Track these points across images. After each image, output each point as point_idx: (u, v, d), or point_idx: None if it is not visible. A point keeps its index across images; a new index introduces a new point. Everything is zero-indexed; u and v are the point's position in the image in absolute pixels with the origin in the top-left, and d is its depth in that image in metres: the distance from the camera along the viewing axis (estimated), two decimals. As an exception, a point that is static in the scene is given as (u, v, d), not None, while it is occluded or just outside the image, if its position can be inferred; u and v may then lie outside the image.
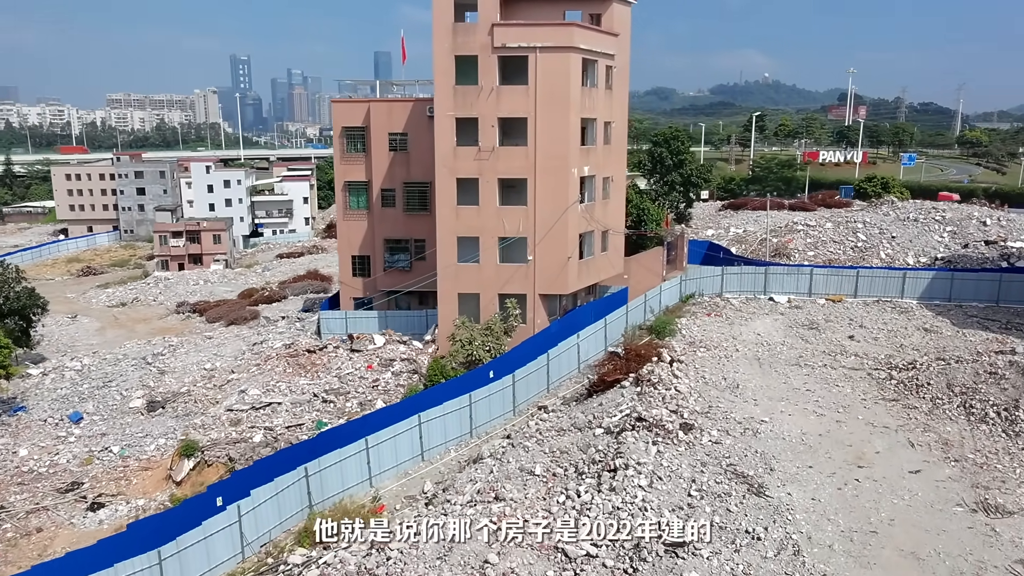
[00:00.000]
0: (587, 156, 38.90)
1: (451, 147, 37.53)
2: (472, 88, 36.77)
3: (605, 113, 39.88)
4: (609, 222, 41.74)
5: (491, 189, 37.69)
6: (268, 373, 38.62)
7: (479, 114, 37.00)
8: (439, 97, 37.19)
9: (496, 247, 38.33)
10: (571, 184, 37.68)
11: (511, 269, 38.51)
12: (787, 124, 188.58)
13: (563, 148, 37.11)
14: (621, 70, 40.94)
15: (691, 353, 33.71)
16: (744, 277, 46.44)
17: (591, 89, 38.78)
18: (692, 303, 45.01)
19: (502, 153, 37.39)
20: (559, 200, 37.61)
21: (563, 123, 36.85)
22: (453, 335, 36.40)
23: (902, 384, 28.77)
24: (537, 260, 38.20)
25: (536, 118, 36.77)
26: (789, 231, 60.64)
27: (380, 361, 38.54)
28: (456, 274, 38.82)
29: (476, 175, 37.62)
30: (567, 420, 27.85)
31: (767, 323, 39.90)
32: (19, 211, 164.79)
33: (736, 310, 42.92)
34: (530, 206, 37.67)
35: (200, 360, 44.34)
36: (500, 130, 38.59)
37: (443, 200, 38.16)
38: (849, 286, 44.97)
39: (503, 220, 37.91)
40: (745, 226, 66.97)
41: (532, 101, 36.64)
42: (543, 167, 37.28)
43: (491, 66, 36.56)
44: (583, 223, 39.14)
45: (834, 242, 57.31)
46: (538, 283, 38.48)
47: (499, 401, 32.13)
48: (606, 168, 40.75)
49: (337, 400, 34.49)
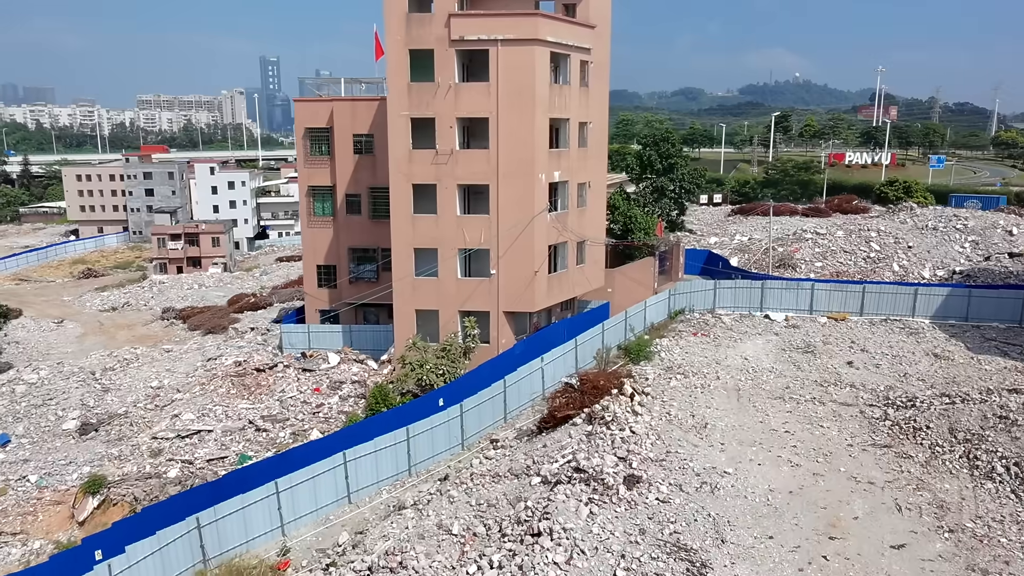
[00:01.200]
0: (558, 160, 35.35)
1: (406, 150, 34.25)
2: (428, 85, 33.45)
3: (580, 113, 36.29)
4: (586, 232, 38.14)
5: (450, 196, 34.32)
6: (210, 395, 35.67)
7: (436, 114, 33.67)
8: (392, 95, 33.93)
9: (456, 260, 34.96)
10: (538, 191, 34.17)
11: (473, 284, 35.11)
12: (813, 124, 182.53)
13: (528, 151, 33.62)
14: (600, 66, 37.33)
15: (663, 382, 30.02)
16: (739, 292, 42.51)
17: (563, 87, 35.25)
18: (680, 320, 41.20)
19: (461, 157, 34.01)
20: (525, 208, 34.13)
21: (528, 124, 33.37)
22: (403, 357, 33.11)
23: (897, 426, 24.82)
24: (501, 274, 34.76)
25: (498, 118, 33.34)
26: (797, 239, 56.45)
27: (329, 383, 35.37)
28: (413, 289, 35.53)
29: (434, 181, 34.29)
30: (507, 463, 24.38)
31: (758, 345, 36.01)
32: (35, 211, 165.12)
33: (727, 329, 39.04)
34: (493, 215, 34.25)
35: (151, 376, 41.59)
36: (464, 132, 35.28)
37: (398, 208, 34.89)
38: (854, 303, 40.83)
39: (463, 230, 34.52)
40: (752, 233, 62.80)
41: (494, 99, 33.21)
42: (507, 172, 33.83)
43: (449, 61, 33.20)
44: (553, 234, 35.60)
45: (845, 252, 53.04)
46: (502, 300, 35.03)
47: (444, 434, 28.72)
48: (582, 173, 37.17)
49: (272, 428, 31.39)
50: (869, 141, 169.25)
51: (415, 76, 33.75)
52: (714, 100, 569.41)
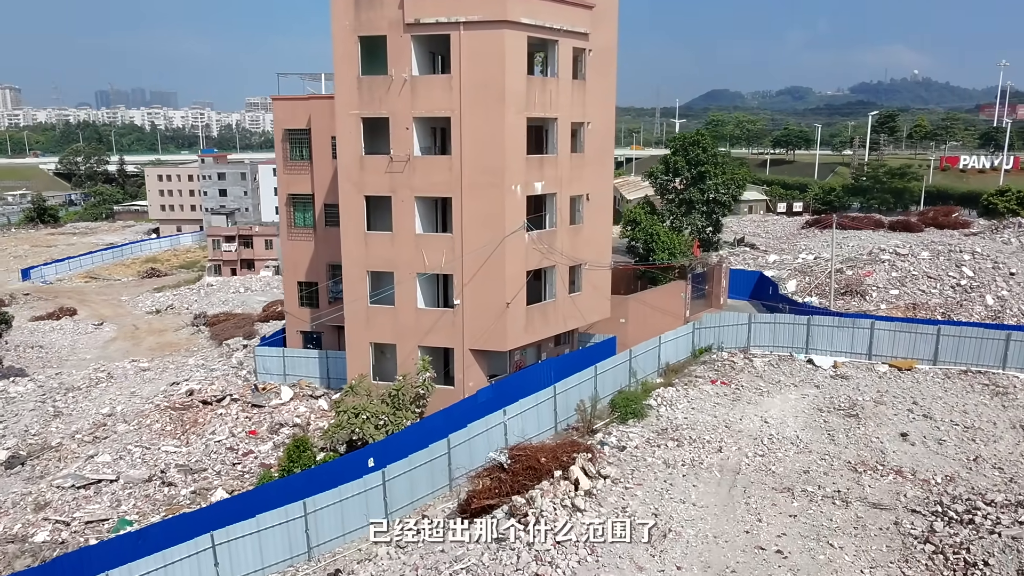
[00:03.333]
0: (540, 168, 29.22)
1: (357, 156, 28.98)
2: (382, 79, 28.05)
3: (572, 111, 30.01)
4: (583, 254, 31.78)
5: (407, 210, 28.79)
6: (143, 430, 31.57)
7: (390, 112, 28.24)
8: (340, 91, 28.74)
9: (415, 286, 29.40)
10: (510, 205, 28.17)
11: (434, 315, 29.47)
12: (924, 125, 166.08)
13: (498, 158, 27.69)
14: (602, 54, 30.89)
15: (642, 455, 23.45)
16: (779, 328, 34.94)
17: (548, 79, 29.13)
18: (703, 361, 34.11)
19: (419, 164, 28.42)
20: (494, 226, 28.21)
21: (497, 124, 27.43)
22: (337, 404, 27.82)
23: (942, 555, 17.42)
24: (468, 305, 28.95)
25: (461, 118, 27.55)
26: (872, 260, 47.73)
27: (269, 425, 30.58)
28: (367, 319, 30.23)
29: (388, 192, 28.87)
30: (398, 569, 18.61)
31: (789, 402, 28.66)
32: (128, 209, 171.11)
33: (756, 376, 31.73)
34: (456, 234, 28.49)
35: (113, 399, 38.10)
36: (437, 135, 29.74)
37: (348, 224, 29.67)
38: (926, 348, 32.57)
39: (423, 251, 28.92)
40: (822, 251, 54.16)
41: (456, 95, 27.45)
42: (472, 183, 28.01)
43: (404, 49, 27.68)
44: (535, 256, 29.49)
45: (928, 278, 44.17)
46: (468, 335, 29.21)
47: (358, 507, 23.12)
48: (576, 184, 30.85)
49: (183, 481, 26.79)
50: (989, 143, 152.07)
51: (367, 68, 28.44)
52: (822, 99, 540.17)
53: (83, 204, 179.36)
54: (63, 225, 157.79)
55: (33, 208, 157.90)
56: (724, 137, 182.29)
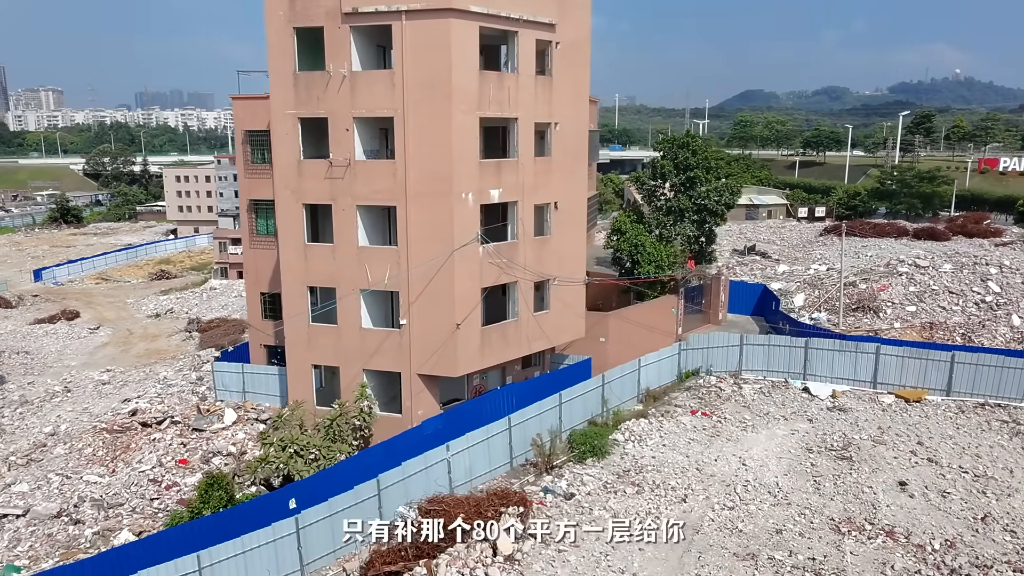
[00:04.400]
0: (498, 174, 26.28)
1: (294, 160, 26.33)
2: (319, 75, 25.35)
3: (536, 110, 27.02)
4: (550, 268, 28.76)
5: (349, 221, 26.05)
6: (74, 454, 29.30)
7: (329, 112, 25.53)
8: (275, 89, 26.10)
9: (359, 303, 26.64)
10: (460, 215, 25.28)
11: (380, 336, 26.69)
12: (962, 126, 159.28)
13: (444, 162, 24.81)
14: (572, 47, 27.85)
15: (587, 508, 20.40)
16: (774, 351, 31.49)
17: (506, 75, 26.22)
18: (688, 386, 30.84)
19: (361, 170, 25.65)
20: (442, 238, 25.34)
21: (443, 125, 24.56)
22: (262, 435, 25.15)
23: (924, 655, 14.12)
24: (416, 325, 26.12)
25: (405, 118, 24.73)
26: (889, 273, 43.85)
27: (203, 454, 28.07)
28: (309, 339, 27.57)
29: (328, 200, 26.16)
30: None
31: (776, 440, 25.32)
32: (150, 210, 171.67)
33: (743, 406, 28.40)
34: (401, 246, 25.67)
35: (62, 416, 36.00)
36: (380, 137, 26.99)
37: (286, 235, 27.05)
38: (938, 377, 28.92)
39: (366, 265, 26.16)
40: (836, 261, 50.26)
41: (399, 92, 24.64)
42: (418, 190, 25.18)
43: (342, 42, 24.94)
44: (492, 272, 26.56)
45: (950, 293, 40.24)
46: (416, 359, 26.37)
47: (266, 560, 20.45)
48: (542, 191, 27.84)
49: (94, 518, 24.36)
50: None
51: (306, 63, 25.77)
52: (859, 99, 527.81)
53: (108, 204, 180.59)
54: (86, 225, 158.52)
55: (56, 208, 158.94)
56: (753, 138, 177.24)
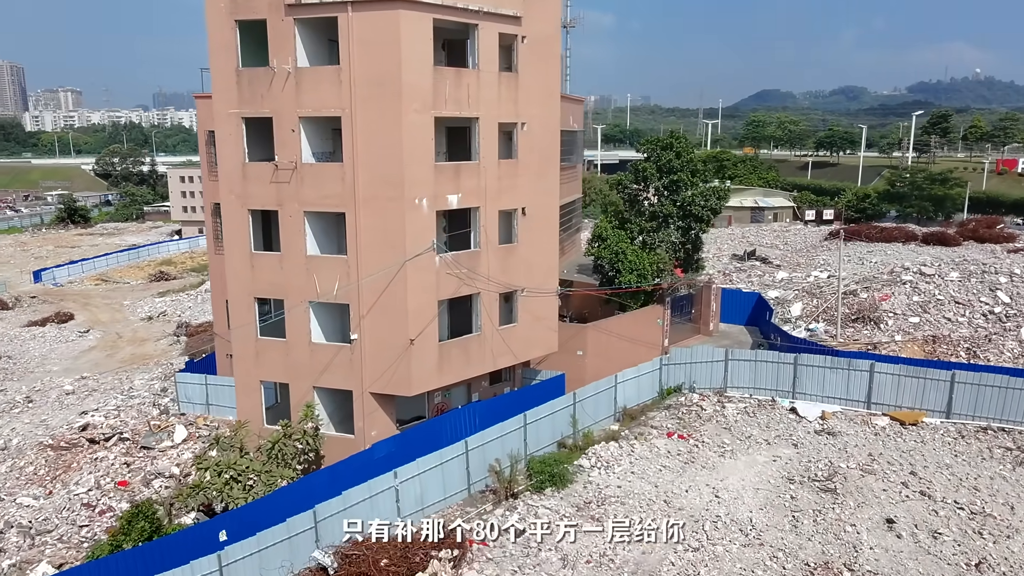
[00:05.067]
0: (456, 178, 24.43)
1: (239, 163, 24.60)
2: (263, 72, 23.60)
3: (500, 109, 25.16)
4: (518, 278, 26.89)
5: (296, 228, 24.29)
6: (15, 473, 27.76)
7: (273, 111, 23.79)
8: (217, 86, 24.39)
9: (308, 315, 24.87)
10: (413, 222, 23.46)
11: (330, 352, 24.91)
12: (980, 126, 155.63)
13: (395, 165, 22.99)
14: (540, 42, 25.95)
15: (533, 549, 18.47)
16: (761, 368, 29.38)
17: (464, 71, 24.35)
18: (668, 404, 28.82)
19: (308, 173, 23.87)
20: (394, 247, 23.53)
21: (394, 125, 22.75)
22: (198, 459, 23.43)
23: None
24: (368, 340, 24.32)
25: (354, 117, 22.94)
26: (892, 281, 41.54)
27: (144, 475, 26.40)
28: (256, 353, 25.84)
29: (275, 205, 24.42)
30: None
31: (756, 468, 23.27)
32: (157, 210, 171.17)
33: (724, 428, 26.35)
34: (351, 255, 23.88)
35: (16, 430, 34.47)
36: (333, 138, 25.20)
37: (233, 242, 25.33)
38: (937, 397, 26.71)
39: (314, 276, 24.38)
40: (843, 266, 47.91)
41: (347, 90, 22.85)
42: (368, 196, 23.38)
43: (286, 35, 23.18)
44: (450, 283, 24.71)
45: (956, 303, 37.91)
46: (368, 376, 24.57)
47: (184, 601, 18.73)
48: (507, 195, 25.97)
49: (18, 546, 22.75)
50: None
51: (249, 59, 24.03)
52: (877, 99, 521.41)
53: (116, 204, 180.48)
54: (93, 225, 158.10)
55: (64, 208, 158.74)
56: (765, 138, 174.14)
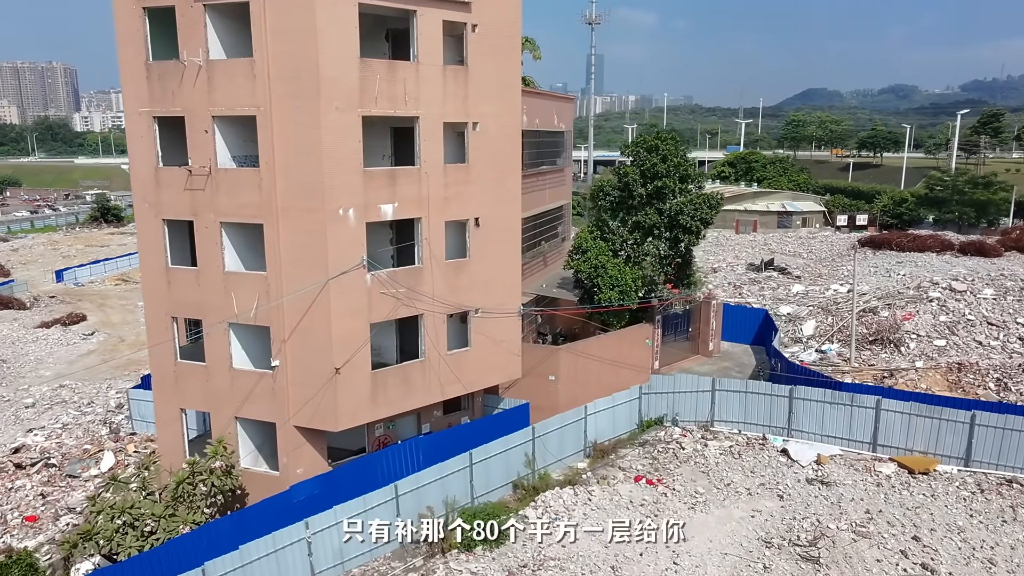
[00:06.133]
0: (391, 185, 21.54)
1: (151, 167, 22.06)
2: (174, 65, 21.01)
3: (446, 108, 22.21)
4: (472, 297, 23.91)
5: (212, 240, 21.66)
6: (-69, 502, 25.71)
7: (185, 110, 21.18)
8: (126, 81, 21.87)
9: (228, 337, 22.24)
10: (335, 236, 20.64)
11: (252, 379, 22.22)
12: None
13: (314, 171, 20.19)
14: (496, 30, 22.94)
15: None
16: (752, 400, 25.90)
17: (400, 64, 21.45)
18: (644, 440, 25.58)
19: (224, 180, 21.22)
20: (316, 263, 20.74)
21: (312, 124, 19.95)
22: (92, 501, 20.89)
23: None
24: (290, 368, 21.58)
25: (271, 116, 20.22)
26: (919, 297, 37.43)
27: (56, 510, 24.06)
28: (176, 378, 23.30)
29: (190, 215, 21.82)
30: None
31: (730, 525, 19.93)
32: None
33: (703, 471, 22.99)
34: (271, 272, 21.16)
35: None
36: (256, 140, 22.45)
37: (147, 255, 22.81)
38: (954, 441, 22.97)
39: (232, 294, 21.73)
40: (864, 281, 43.89)
41: (262, 85, 20.13)
42: (288, 205, 20.63)
43: (195, 23, 20.55)
44: (384, 304, 21.83)
45: (990, 325, 33.76)
46: (293, 407, 21.82)
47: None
48: (456, 204, 23.01)
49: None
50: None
51: (160, 51, 21.47)
52: (928, 98, 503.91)
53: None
54: (125, 224, 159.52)
55: (97, 207, 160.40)
56: (806, 138, 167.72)
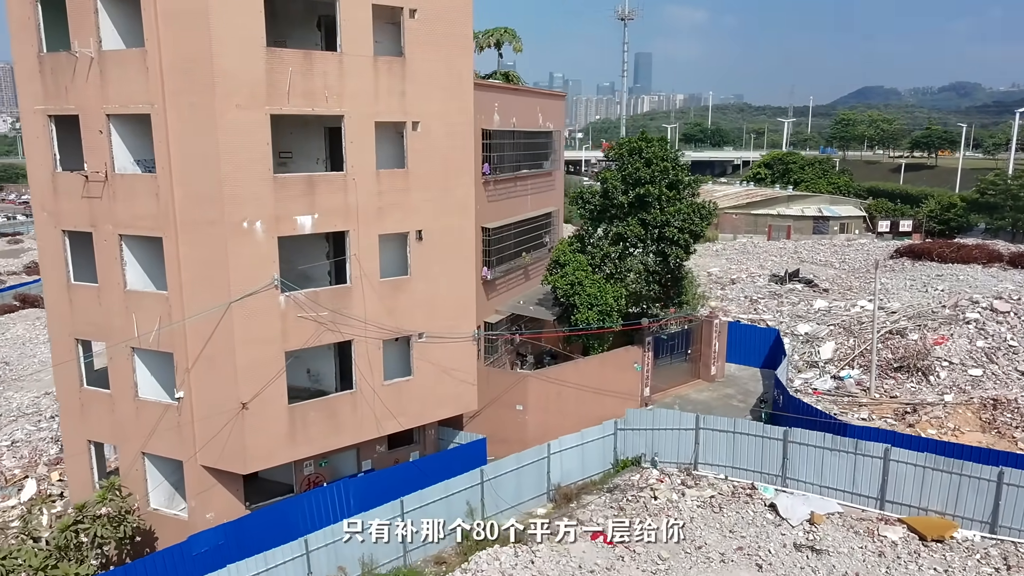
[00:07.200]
0: (309, 194, 18.81)
1: (49, 172, 19.73)
2: (65, 57, 18.62)
3: (378, 105, 19.42)
4: (415, 319, 21.06)
5: (112, 254, 19.24)
6: None
7: (79, 107, 18.79)
8: (20, 76, 19.56)
9: (132, 363, 19.80)
10: (238, 252, 17.99)
11: (157, 410, 19.73)
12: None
13: (213, 178, 17.56)
14: (439, 16, 20.05)
15: None
16: (741, 442, 22.40)
17: (318, 55, 18.69)
18: (615, 484, 22.37)
19: (121, 186, 18.76)
20: (218, 283, 18.12)
21: (207, 124, 17.32)
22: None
23: None
24: (197, 400, 19.03)
25: (166, 115, 17.66)
26: (954, 318, 33.23)
27: (-41, 546, 21.93)
28: (82, 406, 20.97)
29: (89, 227, 19.43)
30: None
31: (689, 600, 16.64)
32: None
33: (673, 527, 19.66)
34: (173, 291, 18.63)
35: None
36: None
37: (48, 269, 20.51)
38: (976, 502, 19.22)
39: (134, 315, 19.27)
40: (896, 297, 39.66)
41: (156, 80, 17.58)
42: (188, 217, 18.07)
43: (85, 9, 18.13)
44: (303, 329, 19.11)
45: (1035, 353, 29.50)
46: (200, 444, 19.26)
47: None
48: (393, 215, 20.20)
49: None
50: None
51: (55, 42, 19.11)
52: (991, 96, 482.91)
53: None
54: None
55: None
56: (856, 138, 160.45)
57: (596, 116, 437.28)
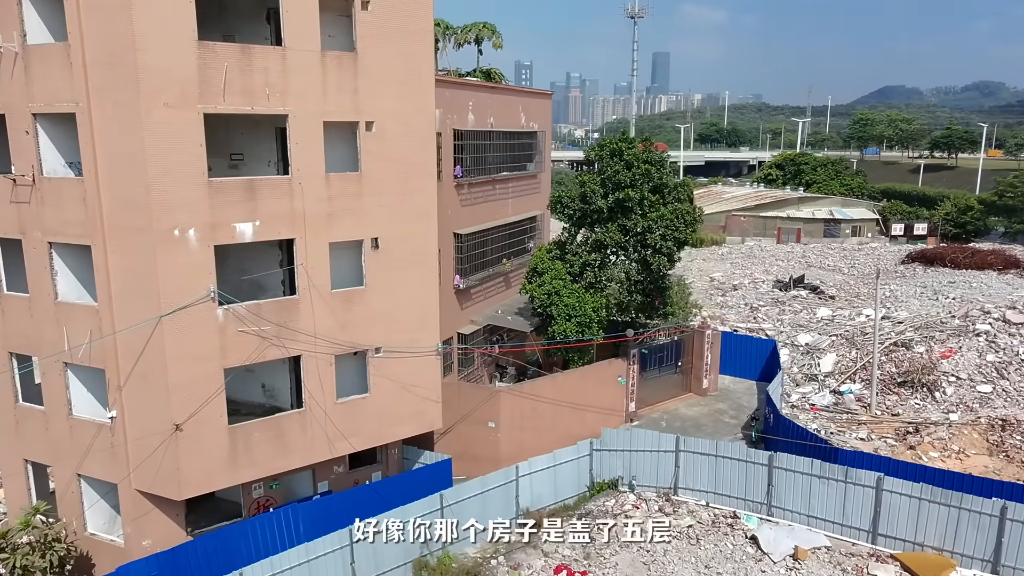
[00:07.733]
0: (250, 199, 17.45)
1: (-24, 175, 18.54)
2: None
3: (328, 103, 18.04)
4: (372, 333, 19.68)
5: (41, 262, 18.01)
6: None
7: (4, 106, 17.59)
8: (-54, 73, 18.37)
9: (64, 378, 18.57)
10: (168, 261, 16.65)
11: (91, 429, 18.48)
12: None
13: (139, 182, 16.24)
14: (394, 8, 18.63)
15: None
16: (724, 466, 20.81)
17: (259, 49, 17.31)
18: (588, 510, 20.86)
19: (48, 191, 17.51)
20: (147, 295, 16.82)
21: (132, 124, 16.01)
22: None
23: None
24: (131, 419, 17.76)
25: (91, 114, 16.39)
26: (964, 330, 31.37)
27: None
28: (16, 423, 19.78)
29: (18, 234, 18.21)
30: None
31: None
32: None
33: (643, 561, 18.15)
34: (102, 304, 17.36)
35: None
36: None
37: (-21, 279, 19.31)
38: (976, 538, 17.52)
39: (64, 328, 18.02)
40: (904, 305, 37.76)
41: (80, 76, 16.32)
42: (116, 223, 16.79)
43: (9, 1, 16.90)
44: (244, 345, 17.77)
45: (1050, 369, 27.61)
46: (134, 466, 17.99)
47: None
48: (346, 221, 18.82)
49: None
50: None
51: (-17, 35, 17.90)
52: (1016, 95, 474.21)
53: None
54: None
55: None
56: (874, 138, 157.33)
57: (613, 116, 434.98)
